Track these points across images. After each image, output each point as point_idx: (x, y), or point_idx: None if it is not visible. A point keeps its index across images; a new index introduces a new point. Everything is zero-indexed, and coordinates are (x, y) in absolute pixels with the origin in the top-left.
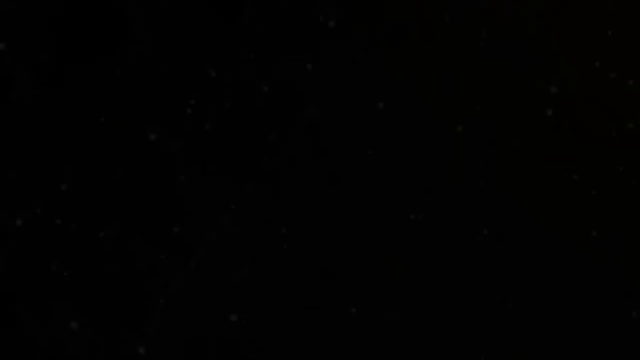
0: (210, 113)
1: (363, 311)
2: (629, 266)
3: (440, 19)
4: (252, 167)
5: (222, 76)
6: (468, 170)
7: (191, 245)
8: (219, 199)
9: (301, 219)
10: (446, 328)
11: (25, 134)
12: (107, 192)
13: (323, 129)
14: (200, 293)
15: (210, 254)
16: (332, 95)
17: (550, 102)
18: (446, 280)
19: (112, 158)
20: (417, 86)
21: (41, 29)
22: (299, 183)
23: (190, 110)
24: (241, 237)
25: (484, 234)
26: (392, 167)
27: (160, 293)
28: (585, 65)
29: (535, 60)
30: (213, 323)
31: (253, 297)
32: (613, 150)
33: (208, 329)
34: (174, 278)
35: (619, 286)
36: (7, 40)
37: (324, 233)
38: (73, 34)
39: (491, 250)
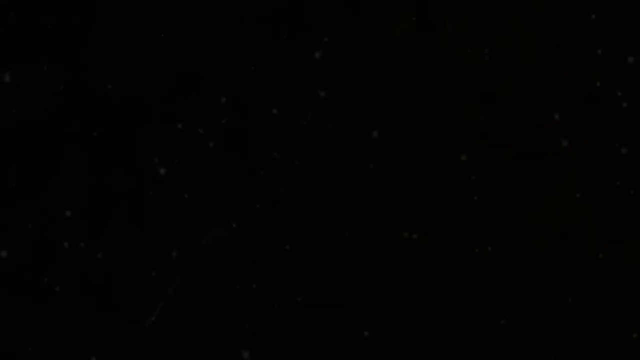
0: (216, 131)
1: (356, 322)
2: (630, 286)
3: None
4: (253, 181)
5: (224, 93)
6: (463, 186)
7: (189, 258)
8: (220, 214)
9: (302, 233)
10: (442, 341)
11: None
12: (108, 207)
13: (323, 142)
14: (198, 305)
15: (208, 266)
16: (334, 112)
17: (552, 125)
18: (439, 297)
19: (113, 173)
20: (418, 102)
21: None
22: (299, 198)
23: (195, 131)
24: (242, 250)
25: (486, 251)
26: (391, 183)
27: (158, 300)
28: (587, 85)
29: (539, 80)
30: (217, 340)
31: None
32: (611, 168)
33: (209, 345)
34: (171, 286)
35: (620, 306)
36: (11, 70)
37: (322, 246)
38: (69, 51)
39: (488, 266)
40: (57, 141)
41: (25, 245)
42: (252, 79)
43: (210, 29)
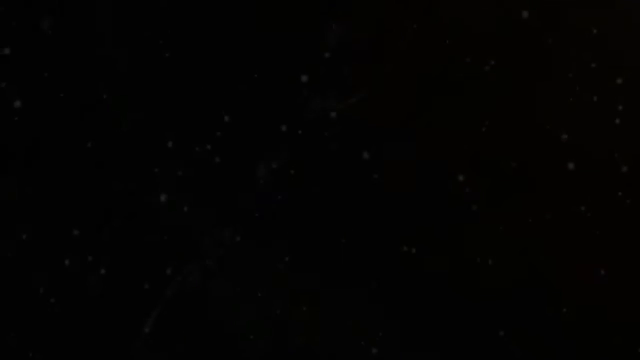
0: (214, 142)
1: (352, 339)
2: (633, 303)
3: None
4: (253, 191)
5: (223, 103)
6: (462, 199)
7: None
8: (219, 223)
9: (301, 248)
10: (441, 354)
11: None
12: (103, 219)
13: (323, 152)
14: (199, 313)
15: (210, 273)
16: (332, 122)
17: (558, 146)
18: (438, 309)
19: (110, 184)
20: (418, 113)
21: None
22: (299, 214)
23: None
24: (242, 266)
25: (485, 264)
26: (390, 196)
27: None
28: (590, 106)
29: (545, 105)
30: (219, 347)
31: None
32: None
33: None
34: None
35: (624, 322)
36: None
37: (320, 259)
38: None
39: (486, 278)
40: (55, 148)
41: (20, 256)
42: (252, 88)
43: (210, 38)
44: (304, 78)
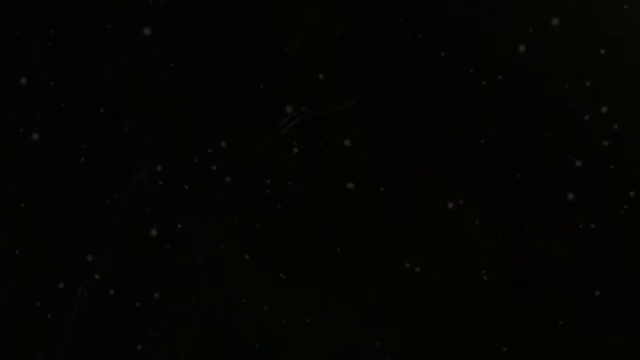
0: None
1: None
2: (627, 314)
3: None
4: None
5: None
6: (463, 216)
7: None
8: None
9: (299, 265)
10: None
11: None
12: (98, 235)
13: (320, 172)
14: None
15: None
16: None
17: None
18: (440, 323)
19: (105, 199)
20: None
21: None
22: (297, 229)
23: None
24: (245, 277)
25: (483, 279)
26: (393, 212)
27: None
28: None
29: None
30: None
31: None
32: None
33: None
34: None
35: (623, 334)
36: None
37: (320, 276)
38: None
39: (488, 294)
40: (52, 159)
41: (14, 274)
42: (251, 96)
43: (211, 43)
44: (304, 81)
